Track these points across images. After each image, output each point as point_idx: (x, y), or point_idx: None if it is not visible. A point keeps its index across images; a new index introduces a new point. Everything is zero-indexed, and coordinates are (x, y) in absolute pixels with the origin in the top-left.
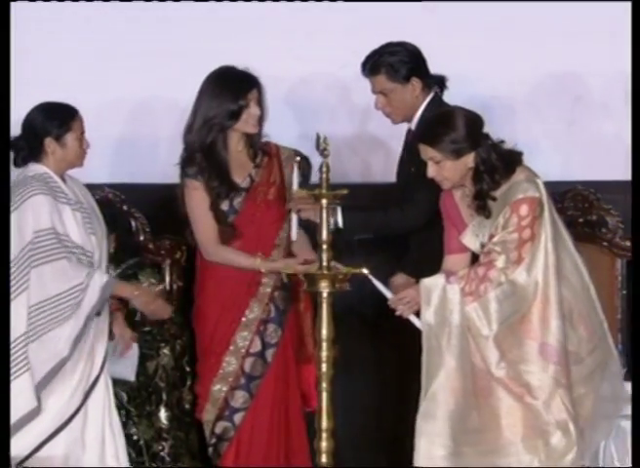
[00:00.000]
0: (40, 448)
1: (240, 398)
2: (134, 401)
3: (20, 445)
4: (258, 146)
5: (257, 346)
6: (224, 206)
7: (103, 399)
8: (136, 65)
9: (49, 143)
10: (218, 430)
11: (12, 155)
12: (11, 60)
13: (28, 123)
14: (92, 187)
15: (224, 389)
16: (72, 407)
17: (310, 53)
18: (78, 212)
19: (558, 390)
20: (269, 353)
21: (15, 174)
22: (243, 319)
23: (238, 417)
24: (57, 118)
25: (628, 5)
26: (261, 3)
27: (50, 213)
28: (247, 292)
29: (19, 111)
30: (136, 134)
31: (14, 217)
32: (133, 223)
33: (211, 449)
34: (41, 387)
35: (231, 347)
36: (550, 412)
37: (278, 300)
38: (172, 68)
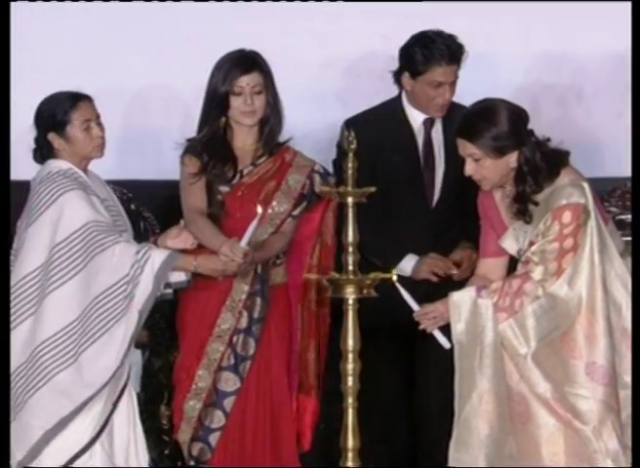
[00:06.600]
0: (73, 460)
1: (215, 417)
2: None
3: (53, 457)
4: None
5: (230, 359)
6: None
7: (127, 410)
8: (140, 54)
9: (52, 139)
10: (194, 452)
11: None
12: (10, 55)
13: (35, 117)
14: None
15: (198, 406)
16: (103, 417)
17: (333, 37)
18: (107, 210)
19: (609, 415)
20: (243, 367)
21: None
22: (215, 329)
23: (214, 438)
24: (55, 110)
25: None
26: None
27: (85, 207)
28: (218, 300)
29: (19, 110)
30: (139, 126)
31: (45, 217)
32: (141, 224)
33: None
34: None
35: (203, 360)
36: (601, 439)
37: (253, 308)
38: (183, 56)
